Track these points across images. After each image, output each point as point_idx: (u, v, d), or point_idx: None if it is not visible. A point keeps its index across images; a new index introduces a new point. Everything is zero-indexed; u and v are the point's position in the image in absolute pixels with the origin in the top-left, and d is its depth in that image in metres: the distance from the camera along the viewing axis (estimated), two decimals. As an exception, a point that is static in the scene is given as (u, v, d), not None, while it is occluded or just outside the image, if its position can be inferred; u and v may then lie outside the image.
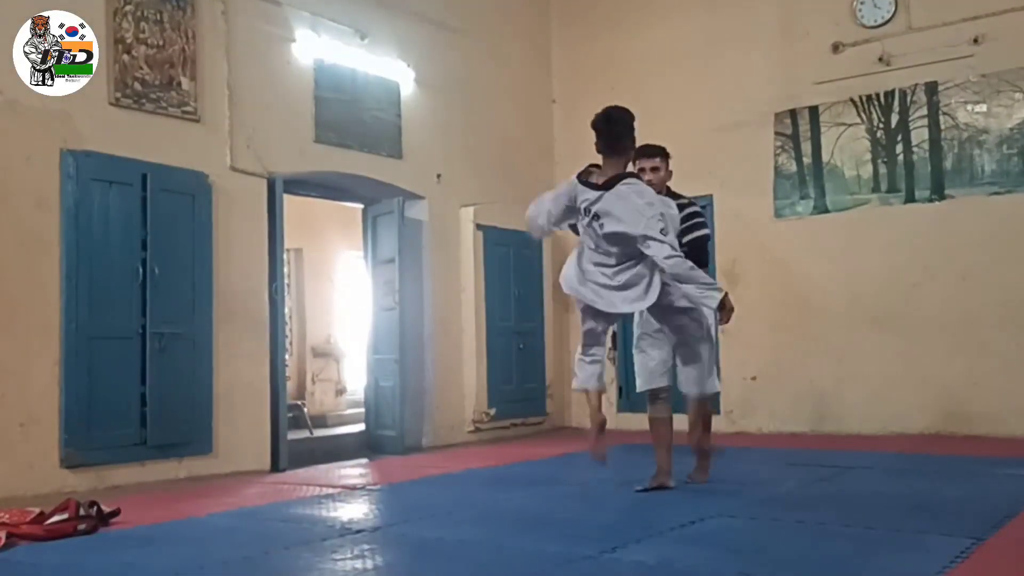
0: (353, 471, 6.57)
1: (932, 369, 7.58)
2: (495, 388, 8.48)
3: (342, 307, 10.80)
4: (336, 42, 7.43)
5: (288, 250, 9.29)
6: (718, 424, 8.33)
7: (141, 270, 5.96)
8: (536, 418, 9.02)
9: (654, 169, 4.91)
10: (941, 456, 6.30)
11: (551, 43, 9.92)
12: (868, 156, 8.05)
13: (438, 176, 8.35)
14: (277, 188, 6.90)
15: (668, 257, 4.24)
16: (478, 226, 8.51)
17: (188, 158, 6.32)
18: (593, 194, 4.38)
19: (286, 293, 8.20)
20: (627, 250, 4.37)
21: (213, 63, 6.55)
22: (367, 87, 7.71)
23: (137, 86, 6.07)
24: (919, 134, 7.81)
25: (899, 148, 7.91)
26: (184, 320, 6.17)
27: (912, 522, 3.99)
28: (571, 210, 4.53)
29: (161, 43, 6.22)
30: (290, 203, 7.28)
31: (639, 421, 5.78)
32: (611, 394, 9.24)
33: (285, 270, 8.17)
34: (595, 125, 4.49)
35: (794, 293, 8.29)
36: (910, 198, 7.83)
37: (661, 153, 5.01)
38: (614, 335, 7.29)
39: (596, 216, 4.35)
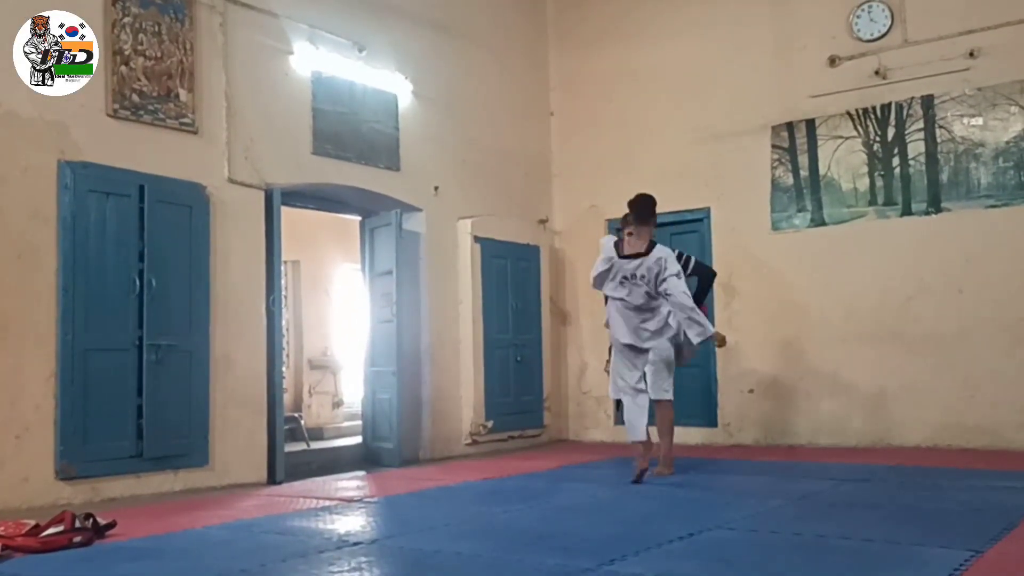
0: (350, 483, 6.55)
1: (928, 382, 7.58)
2: (492, 400, 8.47)
3: (339, 319, 10.79)
4: (334, 54, 7.45)
5: (285, 262, 9.32)
6: (715, 436, 8.44)
7: (138, 282, 5.95)
8: (534, 430, 9.01)
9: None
10: (938, 468, 6.29)
11: (549, 56, 9.95)
12: (865, 169, 8.07)
13: (435, 188, 8.35)
14: (275, 200, 6.91)
15: (679, 293, 5.79)
16: (476, 238, 8.51)
17: (185, 170, 6.32)
18: (634, 263, 5.89)
19: (283, 305, 8.20)
20: (653, 302, 5.90)
21: (211, 75, 6.56)
22: (365, 99, 7.72)
23: (135, 97, 6.07)
24: (915, 147, 7.84)
25: (896, 161, 7.93)
26: (181, 332, 6.16)
27: (910, 535, 3.98)
28: (608, 272, 6.00)
29: (159, 55, 6.24)
30: (287, 215, 7.28)
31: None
32: (608, 408, 9.25)
33: (282, 282, 8.17)
34: (632, 205, 6.00)
35: (791, 306, 8.29)
36: (907, 211, 7.85)
37: None
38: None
39: (639, 277, 5.88)
